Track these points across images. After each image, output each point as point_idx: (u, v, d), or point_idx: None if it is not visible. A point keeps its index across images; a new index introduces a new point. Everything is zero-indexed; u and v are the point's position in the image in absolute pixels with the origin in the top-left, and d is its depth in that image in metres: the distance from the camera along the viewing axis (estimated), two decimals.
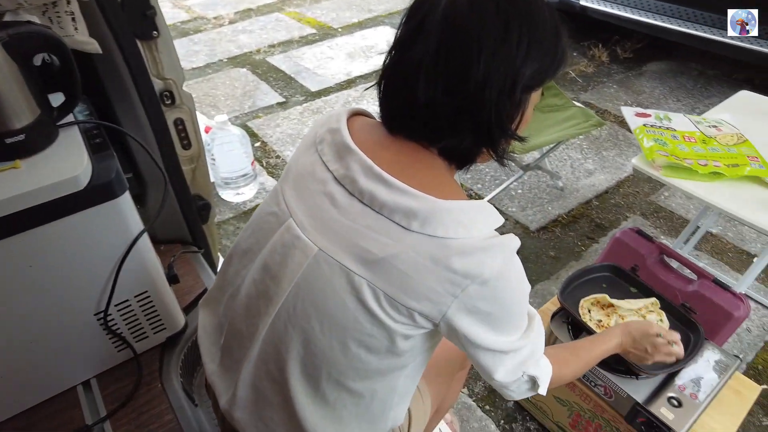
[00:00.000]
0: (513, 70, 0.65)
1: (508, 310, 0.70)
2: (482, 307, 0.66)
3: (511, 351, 0.72)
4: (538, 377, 0.77)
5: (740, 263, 2.15)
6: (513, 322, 0.72)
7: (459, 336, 0.69)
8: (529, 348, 0.74)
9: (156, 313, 1.19)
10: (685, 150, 1.49)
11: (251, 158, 2.33)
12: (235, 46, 3.84)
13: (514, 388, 0.78)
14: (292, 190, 0.75)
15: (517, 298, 0.70)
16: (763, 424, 1.60)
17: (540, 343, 0.78)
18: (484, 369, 0.74)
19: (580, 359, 0.94)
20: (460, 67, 0.64)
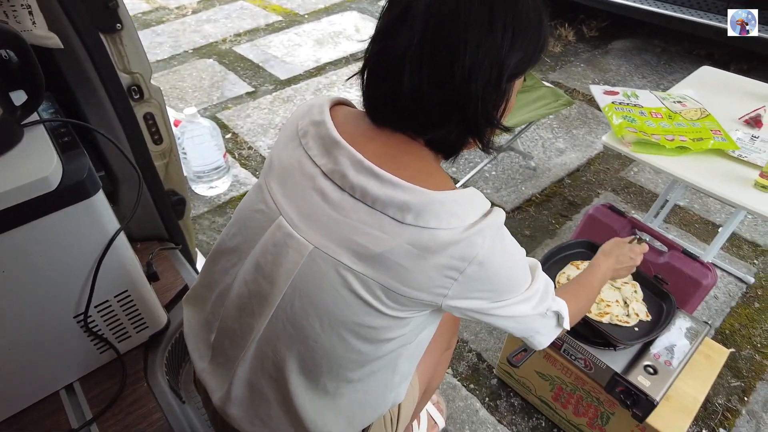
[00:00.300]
0: (499, 59, 0.65)
1: (510, 278, 0.72)
2: (484, 284, 0.68)
3: (522, 301, 0.74)
4: (560, 311, 0.81)
5: (707, 233, 2.23)
6: (517, 284, 0.73)
7: (467, 311, 0.71)
8: (540, 289, 0.77)
9: (137, 312, 1.17)
10: (652, 126, 1.53)
11: (223, 150, 2.30)
12: (200, 37, 3.75)
13: (541, 329, 0.81)
14: (278, 186, 0.74)
15: (515, 265, 0.72)
16: (732, 385, 1.68)
17: (549, 281, 0.81)
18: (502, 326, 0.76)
19: (585, 290, 1.00)
20: (446, 58, 0.63)
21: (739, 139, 1.52)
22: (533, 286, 0.75)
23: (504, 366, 1.62)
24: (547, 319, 0.81)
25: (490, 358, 1.73)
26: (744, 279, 2.02)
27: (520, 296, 0.73)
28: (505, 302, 0.72)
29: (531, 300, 0.75)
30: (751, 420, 1.59)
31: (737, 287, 2.00)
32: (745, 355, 1.76)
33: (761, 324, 1.87)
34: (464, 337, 1.79)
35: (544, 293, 0.78)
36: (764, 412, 1.60)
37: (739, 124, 1.62)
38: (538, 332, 0.82)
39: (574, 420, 1.47)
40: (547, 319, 0.81)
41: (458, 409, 1.57)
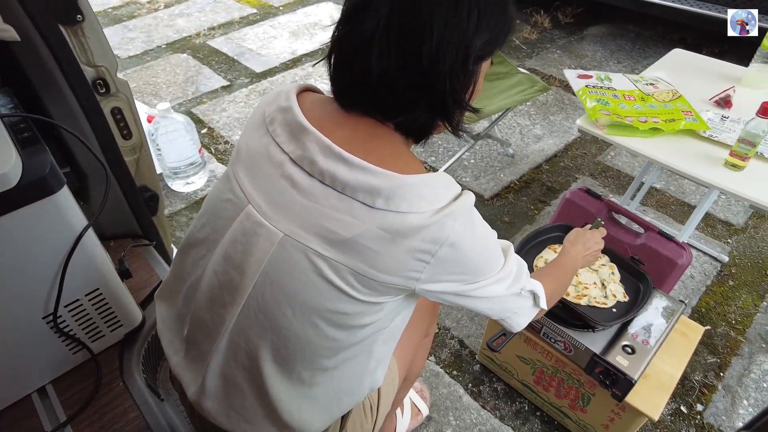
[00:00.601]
0: (465, 41, 0.65)
1: (482, 259, 0.72)
2: (456, 266, 0.68)
3: (496, 282, 0.74)
4: (535, 289, 0.82)
5: (682, 214, 2.27)
6: (490, 265, 0.73)
7: (441, 295, 0.71)
8: (514, 267, 0.77)
9: (111, 310, 1.15)
10: (625, 108, 1.54)
11: (198, 145, 2.26)
12: (173, 31, 3.68)
13: (518, 309, 0.82)
14: (246, 175, 0.73)
15: (487, 246, 0.72)
16: (708, 362, 1.71)
17: (522, 263, 0.81)
18: (478, 308, 0.77)
19: (560, 272, 1.01)
20: (413, 40, 0.63)
21: (709, 120, 1.54)
22: (506, 266, 0.75)
23: (486, 351, 1.63)
24: (522, 299, 0.81)
25: (473, 344, 1.74)
26: (718, 258, 2.06)
27: (493, 277, 0.73)
28: (478, 284, 0.72)
29: (505, 280, 0.76)
30: (727, 395, 1.62)
31: (712, 266, 2.04)
32: (720, 332, 1.80)
33: (735, 301, 1.91)
34: (446, 324, 1.80)
35: (518, 273, 0.79)
36: (739, 387, 1.64)
37: (709, 104, 1.64)
38: (515, 312, 0.82)
39: (557, 402, 1.49)
40: (523, 298, 0.81)
41: (442, 396, 1.58)
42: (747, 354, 1.73)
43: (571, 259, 1.08)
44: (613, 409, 1.33)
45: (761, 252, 2.11)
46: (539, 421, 1.54)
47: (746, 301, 1.91)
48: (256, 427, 0.79)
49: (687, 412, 1.58)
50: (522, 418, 1.54)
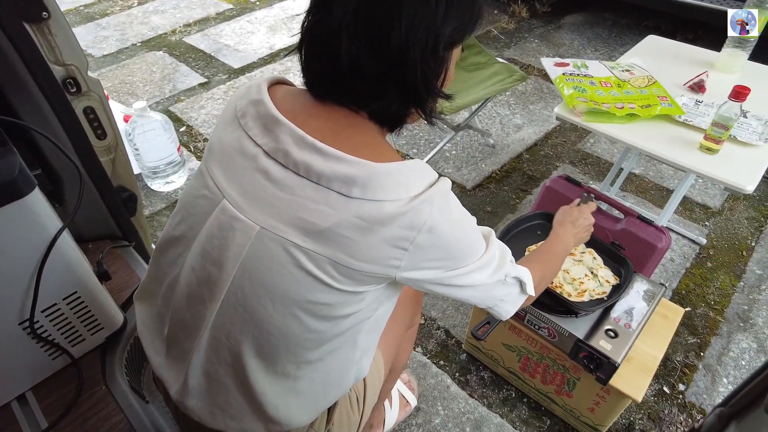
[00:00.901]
0: (434, 28, 0.65)
1: (462, 244, 0.71)
2: (436, 252, 0.68)
3: (478, 268, 0.74)
4: (521, 276, 0.82)
5: (661, 199, 2.30)
6: (471, 250, 0.73)
7: (423, 283, 0.71)
8: (496, 255, 0.77)
9: (90, 313, 1.13)
10: (602, 95, 1.55)
11: (177, 144, 2.23)
12: (148, 29, 3.62)
13: (504, 296, 0.81)
14: (219, 170, 0.72)
15: (465, 231, 0.72)
16: (689, 342, 1.74)
17: (505, 248, 0.81)
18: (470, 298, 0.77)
19: (548, 257, 1.01)
20: (382, 27, 0.63)
21: (684, 104, 1.56)
22: (488, 252, 0.75)
23: (471, 341, 1.64)
24: (508, 286, 0.81)
25: (458, 333, 1.75)
26: (697, 240, 2.10)
27: (475, 263, 0.73)
28: (459, 270, 0.72)
29: (488, 267, 0.76)
30: (707, 374, 1.65)
31: (691, 249, 2.08)
32: (699, 313, 1.83)
33: (713, 282, 1.95)
34: (432, 315, 1.80)
35: (501, 259, 0.79)
36: (719, 366, 1.67)
37: (684, 89, 1.66)
38: (502, 300, 0.82)
39: (543, 388, 1.50)
40: (509, 286, 0.81)
41: (429, 387, 1.59)
42: (725, 333, 1.77)
43: (561, 240, 1.08)
44: (598, 392, 1.34)
45: (737, 233, 2.15)
46: (526, 408, 1.55)
47: (724, 282, 1.95)
48: (242, 423, 0.78)
49: (669, 392, 1.61)
50: (509, 405, 1.56)
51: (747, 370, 1.65)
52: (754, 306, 1.86)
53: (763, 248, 2.08)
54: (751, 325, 1.79)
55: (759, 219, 2.22)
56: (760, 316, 1.82)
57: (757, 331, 1.77)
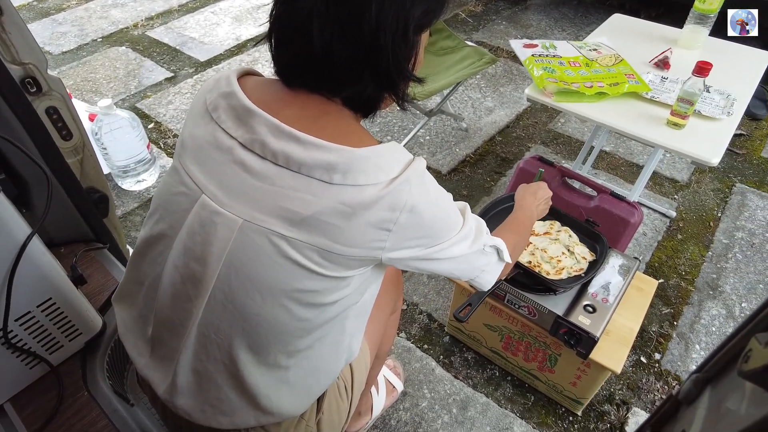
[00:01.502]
0: (403, 12, 0.65)
1: (441, 220, 0.73)
2: (418, 230, 0.69)
3: (458, 241, 0.76)
4: (497, 245, 0.84)
5: (632, 175, 2.35)
6: (449, 225, 0.75)
7: (408, 261, 0.72)
8: (473, 228, 0.79)
9: (67, 319, 1.10)
10: (571, 75, 1.57)
11: (146, 141, 2.18)
12: (108, 23, 3.50)
13: (484, 265, 0.83)
14: (195, 165, 0.71)
15: (443, 208, 0.73)
16: (663, 313, 1.80)
17: (481, 221, 0.83)
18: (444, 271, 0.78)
19: (517, 227, 1.06)
20: (353, 13, 0.63)
21: (650, 81, 1.59)
22: (465, 226, 0.77)
23: (454, 323, 1.66)
24: (487, 256, 0.83)
25: (441, 317, 1.77)
26: (667, 214, 2.16)
27: (454, 237, 0.75)
28: (441, 245, 0.73)
29: (466, 239, 0.77)
30: (681, 341, 1.71)
31: (662, 222, 2.13)
32: (672, 284, 1.89)
33: (684, 254, 2.01)
34: (414, 300, 1.82)
35: (478, 231, 0.81)
36: (691, 333, 1.73)
37: (649, 66, 1.70)
38: (483, 270, 0.84)
39: (526, 366, 1.54)
40: (487, 255, 0.84)
41: (415, 371, 1.61)
42: (697, 302, 1.83)
43: (526, 212, 1.13)
44: (579, 366, 1.38)
45: (704, 205, 2.22)
46: (510, 386, 1.59)
47: (694, 253, 2.01)
48: (234, 417, 0.78)
49: (646, 361, 1.66)
50: (494, 384, 1.59)
51: (717, 336, 1.72)
52: (722, 274, 1.92)
53: (728, 218, 2.16)
54: (720, 293, 1.86)
55: (723, 190, 2.29)
56: (728, 283, 1.89)
57: (726, 298, 1.84)
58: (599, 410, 1.53)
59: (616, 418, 1.51)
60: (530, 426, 1.49)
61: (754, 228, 2.10)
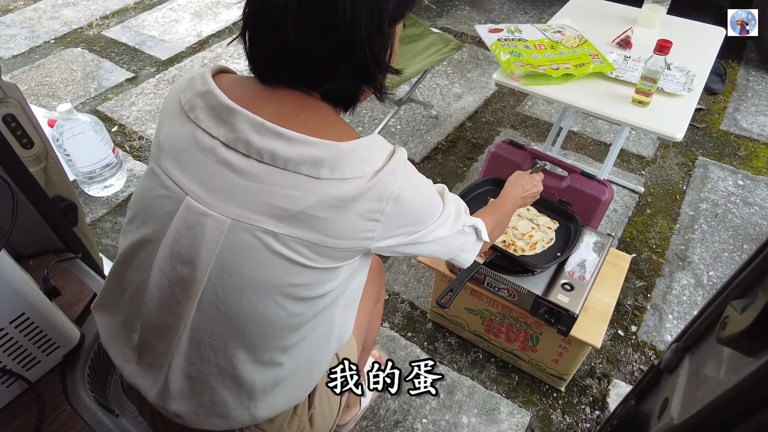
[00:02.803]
0: (377, 5, 0.66)
1: (425, 206, 0.75)
2: (404, 218, 0.70)
3: (441, 224, 0.77)
4: (476, 224, 0.86)
5: (600, 153, 2.41)
6: (432, 210, 0.76)
7: (395, 248, 0.73)
8: (452, 209, 0.81)
9: (43, 333, 1.07)
10: (537, 58, 1.59)
11: (111, 145, 2.12)
12: (61, 24, 3.37)
13: (462, 245, 0.86)
14: (176, 167, 0.70)
15: (426, 194, 0.75)
16: (637, 286, 1.86)
17: (459, 200, 0.85)
18: (428, 252, 0.80)
19: (498, 210, 1.08)
20: (326, 8, 0.63)
21: (614, 61, 1.63)
22: (446, 208, 0.79)
23: (435, 309, 1.68)
24: (466, 236, 0.86)
25: (422, 304, 1.78)
26: (636, 190, 2.22)
27: (437, 221, 0.77)
28: (426, 230, 0.75)
29: (448, 221, 0.79)
30: (655, 313, 1.77)
31: (631, 198, 2.19)
32: (644, 258, 1.95)
33: (654, 227, 2.07)
34: (395, 290, 1.83)
35: (457, 212, 0.83)
36: (664, 304, 1.80)
37: (612, 46, 1.73)
38: (462, 249, 0.87)
39: (508, 347, 1.57)
40: (466, 235, 0.86)
41: (400, 359, 1.62)
42: (668, 273, 1.89)
43: (510, 199, 1.15)
44: (560, 344, 1.41)
45: (670, 179, 2.29)
46: (495, 367, 1.62)
47: (663, 226, 2.08)
48: (229, 418, 0.78)
49: (624, 334, 1.71)
50: (478, 367, 1.62)
51: (689, 305, 1.78)
52: (689, 245, 1.99)
53: (693, 191, 2.23)
54: (689, 263, 1.93)
55: (687, 164, 2.37)
56: (695, 253, 1.96)
57: (694, 267, 1.91)
58: (582, 385, 1.58)
59: (598, 391, 1.56)
60: (516, 405, 1.52)
61: (716, 199, 2.18)
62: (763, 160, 2.37)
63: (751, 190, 2.22)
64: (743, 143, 2.47)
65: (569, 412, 1.52)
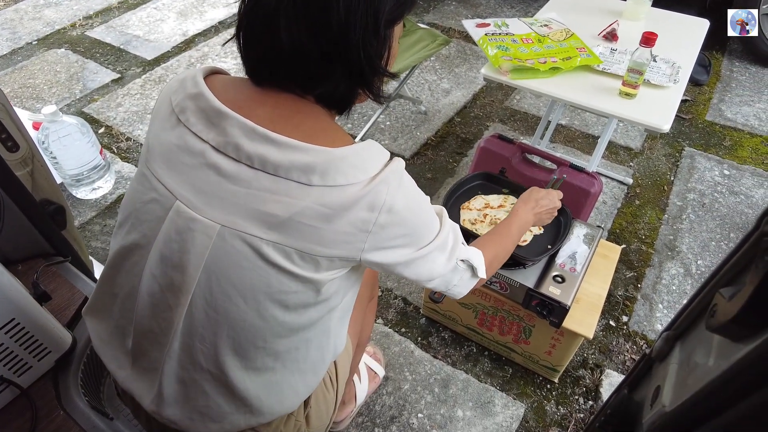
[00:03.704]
0: (373, 6, 0.64)
1: (419, 221, 0.73)
2: (396, 230, 0.69)
3: (436, 249, 0.76)
4: (471, 259, 0.83)
5: (589, 146, 2.42)
6: (427, 227, 0.75)
7: (384, 265, 0.71)
8: (450, 236, 0.79)
9: (34, 339, 1.06)
10: (525, 52, 1.60)
11: (98, 147, 2.09)
12: (43, 24, 3.33)
13: (457, 281, 0.83)
14: (165, 171, 0.69)
15: (421, 208, 0.73)
16: (627, 277, 1.88)
17: (456, 228, 0.83)
18: (422, 278, 0.77)
19: (502, 238, 1.02)
20: (320, 9, 0.62)
21: (601, 54, 1.64)
22: (443, 231, 0.77)
23: (428, 304, 1.69)
24: (460, 272, 0.83)
25: (416, 300, 1.79)
26: (624, 181, 2.24)
27: (432, 243, 0.75)
28: (420, 250, 0.73)
29: (444, 249, 0.77)
30: (645, 302, 1.79)
31: (620, 189, 2.21)
32: (634, 248, 1.97)
33: (643, 218, 2.09)
34: (388, 286, 1.83)
35: (454, 242, 0.80)
36: (654, 294, 1.82)
37: (598, 39, 1.74)
38: (455, 285, 0.85)
39: (501, 340, 1.58)
40: (461, 271, 0.83)
41: (395, 355, 1.63)
42: (657, 263, 1.92)
43: (520, 218, 1.09)
44: (552, 335, 1.43)
45: (658, 170, 2.31)
46: (488, 360, 1.63)
47: (651, 217, 2.10)
48: (224, 423, 0.78)
49: (615, 325, 1.73)
50: (472, 360, 1.63)
51: (678, 294, 1.81)
52: (678, 235, 2.02)
53: (680, 181, 2.25)
54: (677, 253, 1.95)
55: (674, 155, 2.39)
56: (684, 243, 1.98)
57: (683, 257, 1.93)
58: (575, 375, 1.59)
59: (591, 381, 1.58)
60: (510, 397, 1.53)
61: (703, 189, 2.21)
62: (748, 150, 2.40)
63: (737, 179, 2.25)
64: (728, 133, 2.50)
65: (563, 402, 1.53)
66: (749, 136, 2.47)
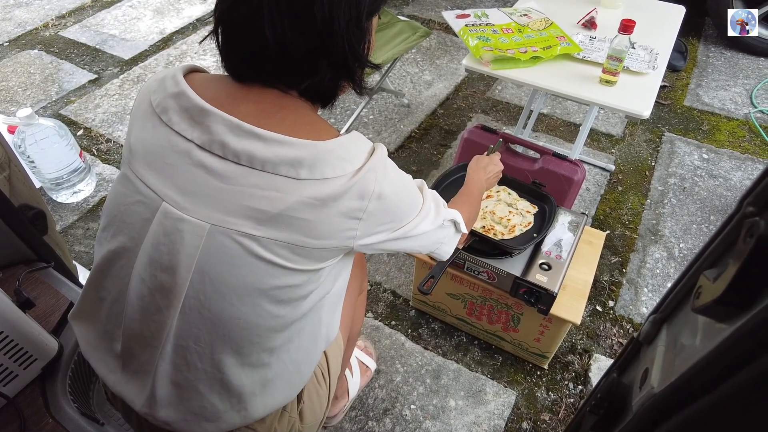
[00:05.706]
0: None
1: (406, 202, 0.75)
2: (386, 215, 0.70)
3: (423, 218, 0.78)
4: (454, 218, 0.87)
5: (570, 134, 2.44)
6: (413, 205, 0.77)
7: (378, 245, 0.73)
8: (431, 202, 0.81)
9: (18, 347, 1.04)
10: (505, 42, 1.60)
11: (77, 150, 2.06)
12: (14, 25, 3.25)
13: (443, 239, 0.86)
14: (149, 172, 0.68)
15: (407, 190, 0.75)
16: (612, 262, 1.90)
17: (436, 195, 0.86)
18: (414, 248, 0.80)
19: (470, 199, 1.11)
20: (304, 3, 0.62)
21: (581, 42, 1.65)
22: (425, 203, 0.79)
23: (418, 296, 1.70)
24: (445, 229, 0.87)
25: (405, 292, 1.79)
26: (606, 168, 2.26)
27: (418, 217, 0.77)
28: (407, 226, 0.75)
29: (428, 215, 0.79)
30: (631, 287, 1.82)
31: (603, 176, 2.24)
32: (618, 234, 2.00)
33: (625, 204, 2.12)
34: (377, 279, 1.84)
35: (437, 207, 0.83)
36: (639, 278, 1.85)
37: (578, 28, 1.75)
38: (442, 242, 0.88)
39: (490, 329, 1.59)
40: (446, 228, 0.87)
41: (386, 348, 1.63)
42: (641, 248, 1.95)
43: (477, 184, 1.18)
44: (541, 323, 1.44)
45: (639, 156, 2.34)
46: (478, 349, 1.64)
47: (634, 202, 2.13)
48: (219, 422, 0.77)
49: (602, 310, 1.76)
50: (462, 350, 1.64)
51: (662, 277, 1.84)
52: (660, 219, 2.05)
53: (661, 166, 2.29)
54: (660, 237, 1.98)
55: (654, 140, 2.43)
56: (666, 227, 2.02)
57: (666, 241, 1.97)
58: (564, 361, 1.61)
59: (580, 366, 1.60)
60: (501, 385, 1.55)
61: (684, 173, 2.24)
62: (725, 134, 2.44)
63: (715, 163, 2.29)
64: (706, 118, 2.54)
65: (553, 388, 1.55)
66: (726, 120, 2.52)
